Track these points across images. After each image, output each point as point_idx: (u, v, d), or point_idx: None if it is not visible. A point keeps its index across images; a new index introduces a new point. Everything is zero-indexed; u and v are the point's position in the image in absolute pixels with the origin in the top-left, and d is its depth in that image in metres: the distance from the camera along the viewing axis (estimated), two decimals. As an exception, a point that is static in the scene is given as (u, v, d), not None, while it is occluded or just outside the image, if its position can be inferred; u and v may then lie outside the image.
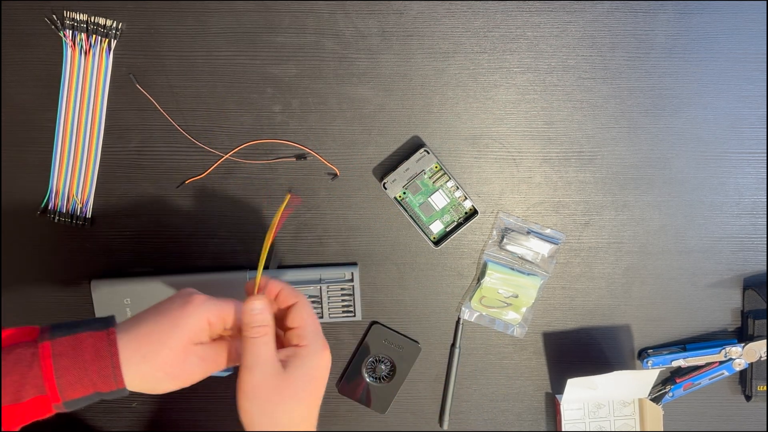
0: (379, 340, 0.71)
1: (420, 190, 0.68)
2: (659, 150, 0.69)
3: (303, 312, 0.50)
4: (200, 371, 0.50)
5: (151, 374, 0.48)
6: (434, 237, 0.70)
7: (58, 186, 0.69)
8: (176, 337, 0.48)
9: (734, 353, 0.69)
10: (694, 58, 0.68)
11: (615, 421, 0.72)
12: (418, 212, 0.69)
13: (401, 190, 0.68)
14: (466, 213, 0.69)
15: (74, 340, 0.47)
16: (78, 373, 0.46)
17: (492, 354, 0.72)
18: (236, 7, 0.67)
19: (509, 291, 0.70)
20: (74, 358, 0.46)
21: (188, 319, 0.48)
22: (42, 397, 0.46)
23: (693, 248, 0.71)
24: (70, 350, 0.46)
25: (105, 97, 0.68)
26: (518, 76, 0.68)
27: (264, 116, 0.68)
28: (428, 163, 0.68)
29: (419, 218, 0.69)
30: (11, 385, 0.45)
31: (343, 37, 0.67)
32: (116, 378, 0.47)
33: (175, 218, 0.70)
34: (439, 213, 0.69)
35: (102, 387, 0.47)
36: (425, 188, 0.69)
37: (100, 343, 0.47)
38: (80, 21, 0.66)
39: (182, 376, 0.49)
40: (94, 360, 0.46)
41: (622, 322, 0.72)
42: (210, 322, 0.49)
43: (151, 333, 0.48)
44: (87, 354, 0.46)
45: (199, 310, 0.49)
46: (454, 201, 0.69)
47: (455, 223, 0.70)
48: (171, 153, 0.69)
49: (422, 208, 0.69)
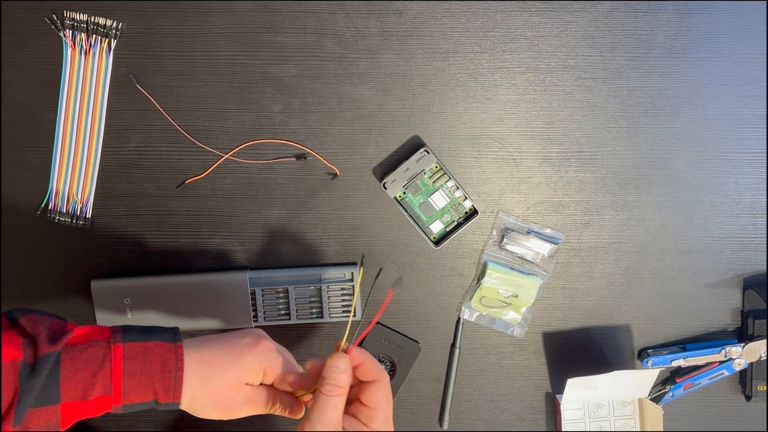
0: (379, 340, 0.71)
1: (420, 190, 0.68)
2: (659, 150, 0.69)
3: (381, 394, 0.48)
4: (244, 409, 0.52)
5: (201, 398, 0.50)
6: (434, 237, 0.70)
7: (58, 186, 0.69)
8: (234, 371, 0.50)
9: (734, 353, 0.69)
10: (694, 58, 0.68)
11: (615, 421, 0.72)
12: (418, 212, 0.69)
13: (401, 190, 0.68)
14: (466, 213, 0.69)
15: (145, 347, 0.48)
16: (143, 379, 0.48)
17: (492, 354, 0.72)
18: (236, 7, 0.67)
19: (509, 291, 0.70)
20: (143, 364, 0.48)
21: (250, 359, 0.51)
22: (106, 396, 0.47)
23: (693, 248, 0.71)
24: (140, 356, 0.48)
25: (105, 97, 0.68)
26: (518, 76, 0.68)
27: (264, 116, 0.68)
28: (428, 163, 0.68)
29: (419, 218, 0.69)
30: (82, 382, 0.46)
31: (343, 37, 0.67)
32: (175, 392, 0.48)
33: (175, 218, 0.70)
34: (439, 213, 0.69)
35: (161, 397, 0.48)
36: (425, 188, 0.68)
37: (168, 354, 0.48)
38: (80, 21, 0.66)
39: (227, 408, 0.51)
40: (160, 370, 0.48)
41: (622, 322, 0.72)
42: (266, 371, 0.52)
43: (214, 360, 0.50)
44: (155, 363, 0.48)
45: (263, 357, 0.51)
46: (454, 201, 0.69)
47: (455, 223, 0.69)
48: (171, 153, 0.69)
49: (422, 207, 0.69)
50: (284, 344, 0.71)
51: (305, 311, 0.70)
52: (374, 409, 0.48)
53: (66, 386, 0.46)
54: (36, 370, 0.45)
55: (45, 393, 0.45)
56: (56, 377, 0.46)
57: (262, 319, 0.69)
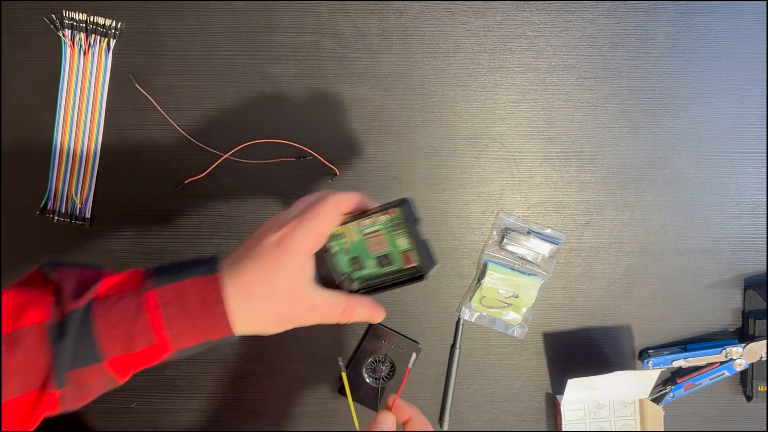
0: (379, 340, 0.71)
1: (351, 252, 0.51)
2: (660, 150, 0.69)
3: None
4: (308, 319, 0.47)
5: (260, 320, 0.46)
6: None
7: (57, 186, 0.68)
8: (279, 283, 0.46)
9: (735, 353, 0.69)
10: (694, 58, 0.68)
11: (615, 421, 0.72)
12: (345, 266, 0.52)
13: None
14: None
15: (180, 287, 0.45)
16: (187, 322, 0.44)
17: (492, 354, 0.72)
18: (236, 7, 0.67)
19: (509, 291, 0.70)
20: (182, 307, 0.44)
21: (287, 256, 0.46)
22: (153, 346, 0.44)
23: (693, 248, 0.70)
24: (177, 299, 0.44)
25: (104, 97, 0.67)
26: (518, 76, 0.68)
27: (264, 116, 0.68)
28: None
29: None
30: (121, 337, 0.43)
31: (342, 37, 0.67)
32: (225, 326, 0.45)
33: (175, 218, 0.69)
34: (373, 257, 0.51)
35: (212, 335, 0.45)
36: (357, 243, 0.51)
37: (207, 289, 0.45)
38: (79, 20, 0.66)
39: (292, 319, 0.47)
40: (202, 309, 0.44)
41: (623, 323, 0.72)
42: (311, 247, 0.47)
43: (254, 281, 0.46)
44: (194, 302, 0.44)
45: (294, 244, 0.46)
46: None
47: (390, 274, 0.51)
48: (170, 153, 0.69)
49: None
50: (284, 345, 0.71)
51: (305, 311, 0.70)
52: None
53: (105, 343, 0.43)
54: (64, 330, 0.42)
55: (83, 353, 0.43)
56: (90, 336, 0.43)
57: (262, 320, 0.69)
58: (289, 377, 0.72)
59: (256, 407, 0.72)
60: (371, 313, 0.51)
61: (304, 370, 0.72)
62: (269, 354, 0.71)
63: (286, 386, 0.72)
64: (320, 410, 0.72)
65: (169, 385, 0.71)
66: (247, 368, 0.72)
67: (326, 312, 0.48)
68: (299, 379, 0.72)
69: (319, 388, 0.72)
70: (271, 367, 0.72)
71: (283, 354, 0.71)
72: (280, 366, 0.71)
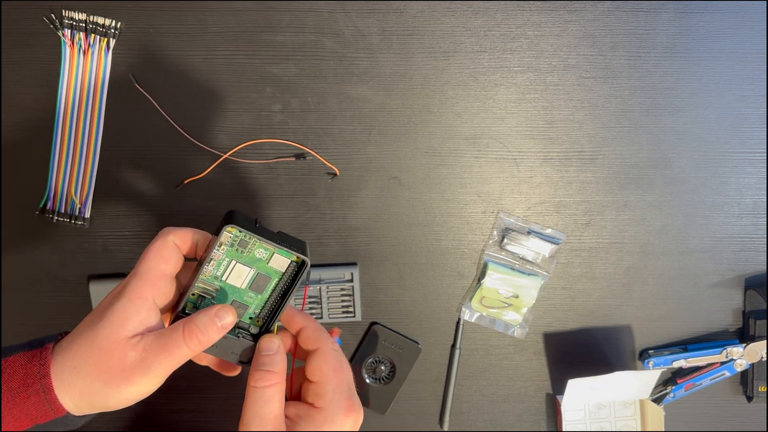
0: (379, 340, 0.71)
1: None
2: (660, 150, 0.69)
3: (324, 364, 0.40)
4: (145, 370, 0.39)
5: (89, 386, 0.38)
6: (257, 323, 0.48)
7: (56, 186, 0.68)
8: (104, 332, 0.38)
9: (735, 354, 0.69)
10: (695, 58, 0.68)
11: (616, 421, 0.72)
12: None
13: None
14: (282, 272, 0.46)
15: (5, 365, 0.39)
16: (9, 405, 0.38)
17: (492, 355, 0.72)
18: (236, 7, 0.67)
19: (510, 291, 0.69)
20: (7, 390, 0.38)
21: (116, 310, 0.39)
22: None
23: (694, 248, 0.70)
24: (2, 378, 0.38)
25: (104, 97, 0.67)
26: (519, 76, 0.68)
27: (263, 116, 0.68)
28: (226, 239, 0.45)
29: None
30: None
31: (342, 37, 0.67)
32: (51, 404, 0.38)
33: (175, 218, 0.69)
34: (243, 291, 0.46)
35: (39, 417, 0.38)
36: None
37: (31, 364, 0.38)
38: (79, 20, 0.66)
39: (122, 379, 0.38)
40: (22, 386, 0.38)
41: (623, 323, 0.71)
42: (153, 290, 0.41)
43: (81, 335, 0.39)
44: (15, 380, 0.38)
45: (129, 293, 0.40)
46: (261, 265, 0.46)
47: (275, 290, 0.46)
48: (170, 153, 0.69)
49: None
50: (284, 345, 0.71)
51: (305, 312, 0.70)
52: (319, 383, 0.40)
53: None
54: None
55: None
56: None
57: (262, 320, 0.69)
58: (289, 377, 0.72)
59: (256, 407, 0.72)
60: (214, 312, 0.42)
61: (304, 370, 0.72)
62: (269, 354, 0.71)
63: (286, 386, 0.72)
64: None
65: (169, 385, 0.70)
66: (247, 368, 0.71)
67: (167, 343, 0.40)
68: (299, 379, 0.72)
69: (319, 389, 0.72)
70: (270, 368, 0.71)
71: (283, 354, 0.71)
72: (279, 366, 0.71)
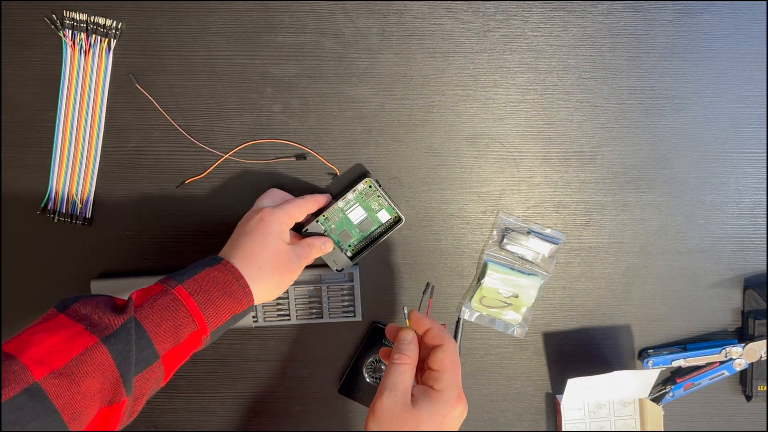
0: (380, 340, 0.71)
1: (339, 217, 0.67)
2: (659, 150, 0.69)
3: (445, 357, 0.51)
4: (303, 262, 0.61)
5: (268, 279, 0.57)
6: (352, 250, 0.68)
7: (57, 186, 0.68)
8: (272, 243, 0.58)
9: (734, 353, 0.69)
10: (694, 58, 0.68)
11: (615, 421, 0.72)
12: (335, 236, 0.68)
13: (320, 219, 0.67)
14: (384, 223, 0.68)
15: (198, 279, 0.54)
16: (217, 302, 0.53)
17: (492, 354, 0.72)
18: (236, 7, 0.67)
19: (509, 291, 0.70)
20: (207, 292, 0.53)
21: (271, 226, 0.59)
22: (195, 332, 0.52)
23: (693, 248, 0.70)
24: (201, 288, 0.53)
25: (105, 97, 0.68)
26: (518, 76, 0.68)
27: (264, 116, 0.68)
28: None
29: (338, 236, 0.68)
30: (169, 329, 0.51)
31: (343, 37, 0.67)
32: (247, 296, 0.55)
33: (175, 218, 0.69)
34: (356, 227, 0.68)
35: (237, 308, 0.55)
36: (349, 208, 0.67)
37: (221, 273, 0.55)
38: (80, 21, 0.66)
39: (291, 272, 0.60)
40: (224, 289, 0.54)
41: (623, 322, 0.72)
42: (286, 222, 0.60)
43: (253, 248, 0.57)
44: (218, 285, 0.54)
45: (274, 218, 0.59)
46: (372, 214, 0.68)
47: (373, 235, 0.68)
48: (171, 153, 0.69)
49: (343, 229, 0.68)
50: (284, 345, 0.72)
51: (305, 312, 0.70)
52: (439, 371, 0.51)
53: (157, 340, 0.50)
54: (121, 342, 0.48)
55: (142, 355, 0.49)
56: (145, 338, 0.50)
57: (262, 320, 0.69)
58: (289, 377, 0.72)
59: (256, 407, 0.72)
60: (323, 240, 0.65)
61: (303, 370, 0.72)
62: (269, 354, 0.72)
63: (286, 386, 0.72)
64: (320, 410, 0.72)
65: (170, 385, 0.71)
66: (247, 368, 0.72)
67: (302, 251, 0.62)
68: (299, 378, 0.72)
69: (319, 388, 0.72)
70: (271, 367, 0.72)
71: (283, 354, 0.71)
72: (279, 366, 0.72)
